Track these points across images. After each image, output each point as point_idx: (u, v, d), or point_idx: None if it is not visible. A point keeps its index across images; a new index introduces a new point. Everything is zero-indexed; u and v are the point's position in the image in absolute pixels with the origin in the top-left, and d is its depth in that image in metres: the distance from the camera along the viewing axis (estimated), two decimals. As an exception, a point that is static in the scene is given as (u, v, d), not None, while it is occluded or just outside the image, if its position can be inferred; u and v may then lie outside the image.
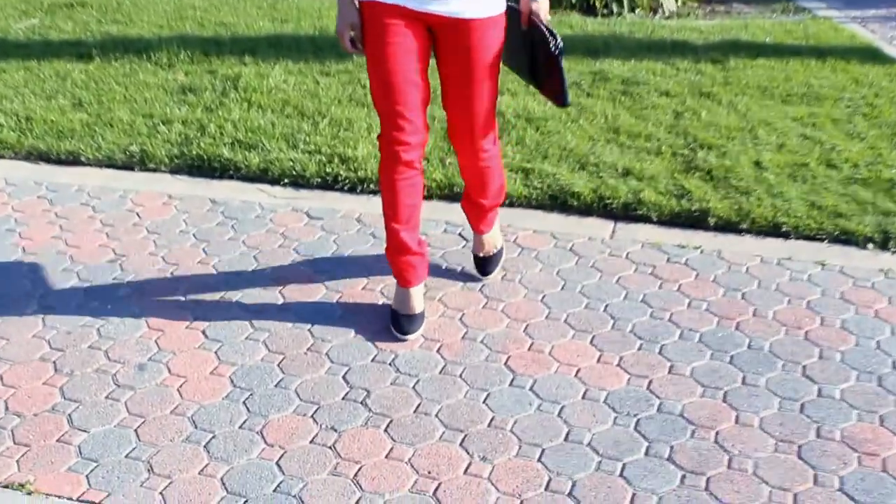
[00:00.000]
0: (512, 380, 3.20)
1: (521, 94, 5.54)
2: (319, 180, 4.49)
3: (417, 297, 3.42)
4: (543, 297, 3.64)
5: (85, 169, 4.78)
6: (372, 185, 4.47)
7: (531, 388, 3.15)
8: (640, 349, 3.34)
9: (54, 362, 3.32)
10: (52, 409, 3.10)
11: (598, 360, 3.29)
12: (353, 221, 4.23)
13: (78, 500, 2.74)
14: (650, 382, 3.18)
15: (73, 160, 4.82)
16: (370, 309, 3.57)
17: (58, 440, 2.97)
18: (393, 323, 3.41)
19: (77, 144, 4.91)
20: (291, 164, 4.58)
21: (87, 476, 2.83)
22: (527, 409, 3.06)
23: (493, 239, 3.72)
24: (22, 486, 2.78)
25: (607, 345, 3.37)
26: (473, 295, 3.67)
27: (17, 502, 2.73)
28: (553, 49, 3.05)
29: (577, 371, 3.23)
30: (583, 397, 3.11)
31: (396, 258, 3.37)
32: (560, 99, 3.09)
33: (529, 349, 3.35)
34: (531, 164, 4.56)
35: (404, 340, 3.35)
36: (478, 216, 3.63)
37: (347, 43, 3.14)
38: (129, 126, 5.14)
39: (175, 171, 4.69)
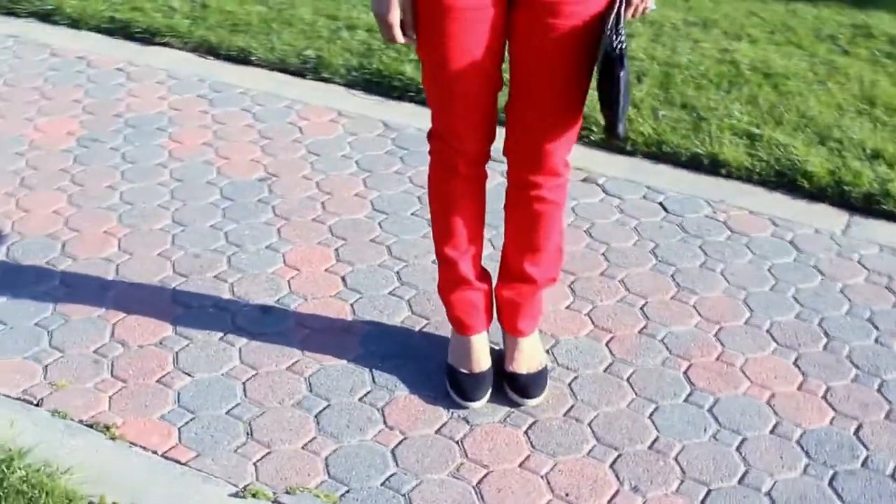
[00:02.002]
0: (689, 394, 2.85)
1: (763, 41, 5.03)
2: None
3: (483, 348, 2.84)
4: (747, 296, 3.25)
5: (254, 70, 4.65)
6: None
7: (710, 409, 2.80)
8: (854, 380, 2.92)
9: (173, 289, 3.20)
10: (160, 344, 2.97)
11: (800, 387, 2.89)
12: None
13: (163, 455, 2.60)
14: (860, 427, 2.76)
15: (242, 58, 4.70)
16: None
17: (158, 380, 2.84)
18: (452, 384, 2.81)
19: (250, 41, 4.78)
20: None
21: (179, 428, 2.69)
22: (699, 435, 2.72)
23: (536, 347, 2.85)
24: (107, 428, 2.67)
25: (814, 369, 2.96)
26: (662, 280, 3.31)
27: (97, 446, 2.62)
28: (610, 46, 2.32)
29: (771, 397, 2.85)
30: (771, 431, 2.74)
31: (453, 297, 2.79)
32: (609, 125, 2.39)
33: (717, 359, 2.98)
34: (760, 128, 4.11)
35: (466, 408, 2.79)
36: (516, 303, 2.78)
37: (398, 32, 2.40)
38: (308, 26, 4.97)
39: (350, 84, 4.50)
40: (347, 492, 2.53)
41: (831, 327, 3.13)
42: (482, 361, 2.82)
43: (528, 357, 2.83)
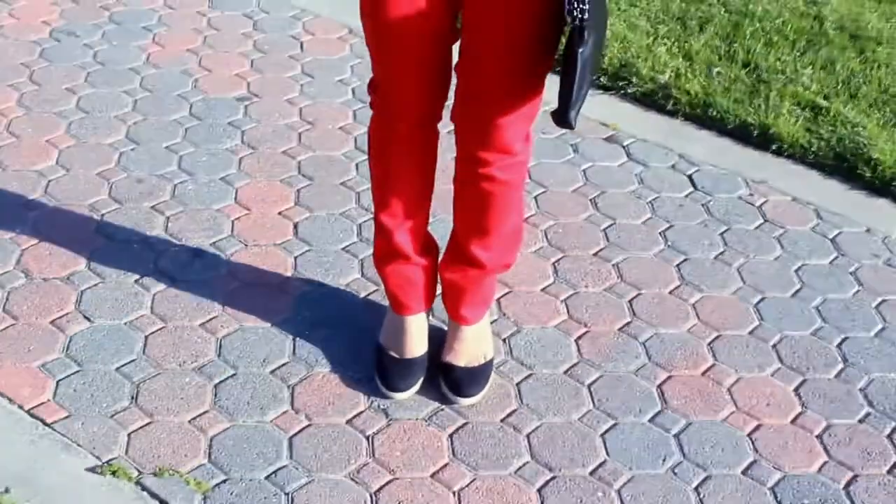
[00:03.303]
0: (656, 413, 2.57)
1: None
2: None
3: (419, 331, 2.58)
4: (761, 300, 2.93)
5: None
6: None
7: (676, 434, 2.51)
8: (863, 421, 2.61)
9: (102, 216, 3.01)
10: (67, 279, 2.79)
11: (794, 421, 2.60)
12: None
13: (28, 411, 2.42)
14: (853, 480, 2.45)
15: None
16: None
17: (52, 321, 2.65)
18: (378, 368, 2.56)
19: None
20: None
21: (58, 381, 2.51)
22: (655, 465, 2.44)
23: (481, 338, 2.59)
24: (-25, 373, 2.47)
25: (817, 400, 2.66)
26: (664, 270, 3.02)
27: (-42, 394, 2.43)
28: (568, 14, 1.98)
29: (756, 428, 2.55)
30: (744, 472, 2.44)
31: (387, 268, 2.54)
32: (559, 108, 2.05)
33: (703, 374, 2.70)
34: (829, 100, 3.71)
35: (389, 398, 2.53)
36: (460, 286, 2.50)
37: None
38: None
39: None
40: (224, 482, 2.31)
41: (852, 351, 2.78)
42: (416, 346, 2.55)
43: (469, 348, 2.55)
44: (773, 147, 3.53)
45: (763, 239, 3.15)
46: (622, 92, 3.74)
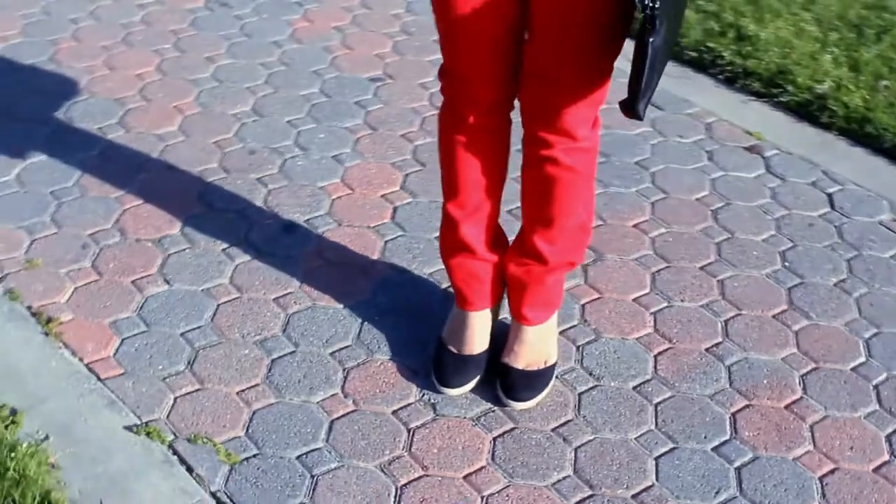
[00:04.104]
0: (723, 442, 2.44)
1: None
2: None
3: (482, 329, 2.54)
4: (874, 335, 2.74)
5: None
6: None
7: (739, 468, 2.38)
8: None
9: (207, 184, 3.09)
10: (157, 242, 2.90)
11: (877, 469, 2.39)
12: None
13: (87, 364, 2.52)
14: None
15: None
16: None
17: (133, 281, 2.75)
18: (435, 362, 2.53)
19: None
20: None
21: (122, 339, 2.60)
22: (707, 497, 2.32)
23: (544, 341, 2.53)
24: (49, 321, 2.60)
25: None
26: (773, 292, 2.85)
27: (26, 338, 2.56)
28: (639, 1, 1.91)
29: (830, 472, 2.38)
30: None
31: (452, 261, 2.49)
32: (629, 97, 2.00)
33: (787, 407, 2.53)
34: None
35: (442, 393, 2.49)
36: (523, 282, 2.44)
37: None
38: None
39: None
40: (254, 456, 2.34)
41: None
42: (475, 343, 2.52)
43: (529, 351, 2.50)
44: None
45: (895, 269, 2.94)
46: (775, 100, 3.57)
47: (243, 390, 2.48)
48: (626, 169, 3.26)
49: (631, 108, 2.02)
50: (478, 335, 2.52)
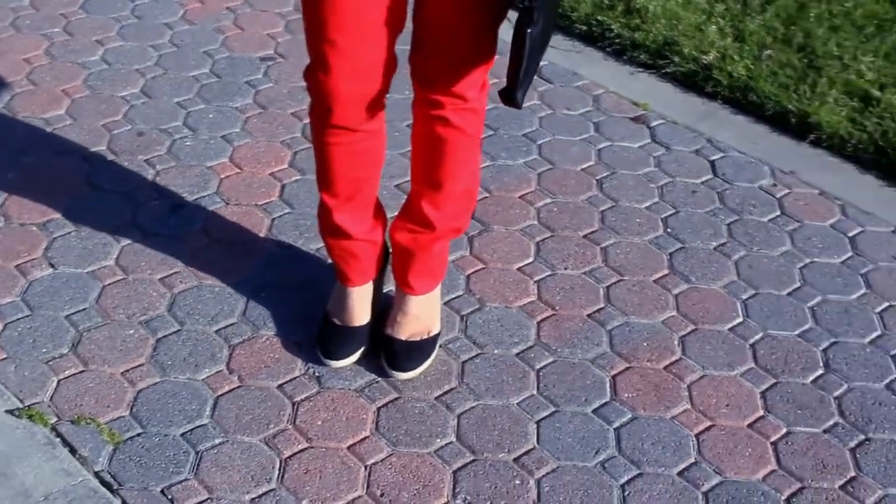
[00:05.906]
0: (603, 404, 2.48)
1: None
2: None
3: (363, 301, 2.56)
4: (752, 296, 2.80)
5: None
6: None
7: (617, 428, 2.42)
8: (829, 431, 2.46)
9: (94, 166, 3.06)
10: (42, 226, 2.86)
11: (751, 425, 2.46)
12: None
13: (-32, 351, 2.48)
14: (798, 492, 2.31)
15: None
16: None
17: (17, 266, 2.74)
18: (320, 335, 2.56)
19: None
20: None
21: (6, 324, 2.58)
22: (586, 458, 2.36)
23: (427, 312, 2.55)
24: None
25: (784, 406, 2.52)
26: (655, 258, 2.90)
27: None
28: None
29: (706, 429, 2.44)
30: (679, 474, 2.33)
31: (330, 241, 2.50)
32: (507, 86, 2.04)
33: (666, 368, 2.59)
34: (883, 91, 3.50)
35: (326, 366, 2.52)
36: (409, 251, 2.45)
37: None
38: None
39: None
40: (138, 435, 2.34)
41: (838, 357, 2.63)
42: (357, 315, 2.53)
43: (413, 322, 2.52)
44: (811, 137, 3.36)
45: (773, 232, 3.01)
46: (662, 71, 3.62)
47: (128, 370, 2.47)
48: (513, 141, 3.29)
49: (510, 97, 2.05)
50: (359, 307, 2.54)
